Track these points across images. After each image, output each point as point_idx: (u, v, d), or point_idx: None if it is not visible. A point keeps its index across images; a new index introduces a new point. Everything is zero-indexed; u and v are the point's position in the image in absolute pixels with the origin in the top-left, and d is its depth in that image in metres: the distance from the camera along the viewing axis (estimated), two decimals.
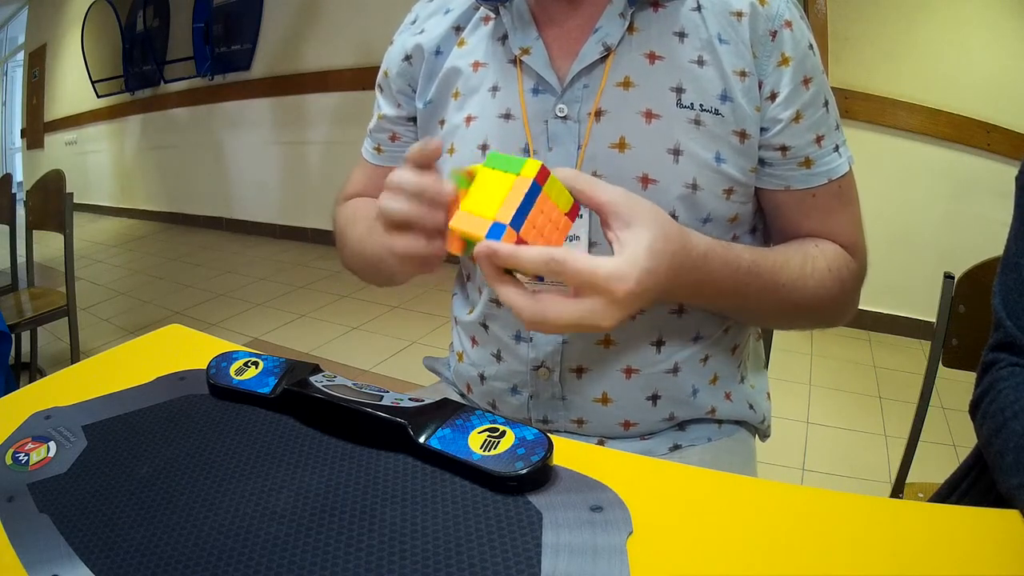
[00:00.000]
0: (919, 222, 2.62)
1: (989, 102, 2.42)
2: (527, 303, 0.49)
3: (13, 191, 2.16)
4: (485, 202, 0.50)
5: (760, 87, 0.63)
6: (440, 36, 0.72)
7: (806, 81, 0.63)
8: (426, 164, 0.54)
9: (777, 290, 0.62)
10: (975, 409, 0.58)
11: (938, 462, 1.13)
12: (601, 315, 0.49)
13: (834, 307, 0.68)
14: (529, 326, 0.51)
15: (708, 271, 0.57)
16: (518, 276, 0.52)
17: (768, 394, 0.80)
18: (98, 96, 5.52)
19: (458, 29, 0.72)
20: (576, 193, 0.52)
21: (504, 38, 0.68)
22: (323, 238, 4.18)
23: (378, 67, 0.79)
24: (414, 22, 0.76)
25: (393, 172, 0.55)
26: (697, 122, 0.62)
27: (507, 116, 0.66)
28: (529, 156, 0.65)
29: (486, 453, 0.46)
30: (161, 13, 4.79)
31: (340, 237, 0.80)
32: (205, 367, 0.60)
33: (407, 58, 0.74)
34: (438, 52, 0.72)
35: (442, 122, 0.72)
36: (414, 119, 0.76)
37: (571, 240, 0.63)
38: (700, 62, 0.62)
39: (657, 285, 0.52)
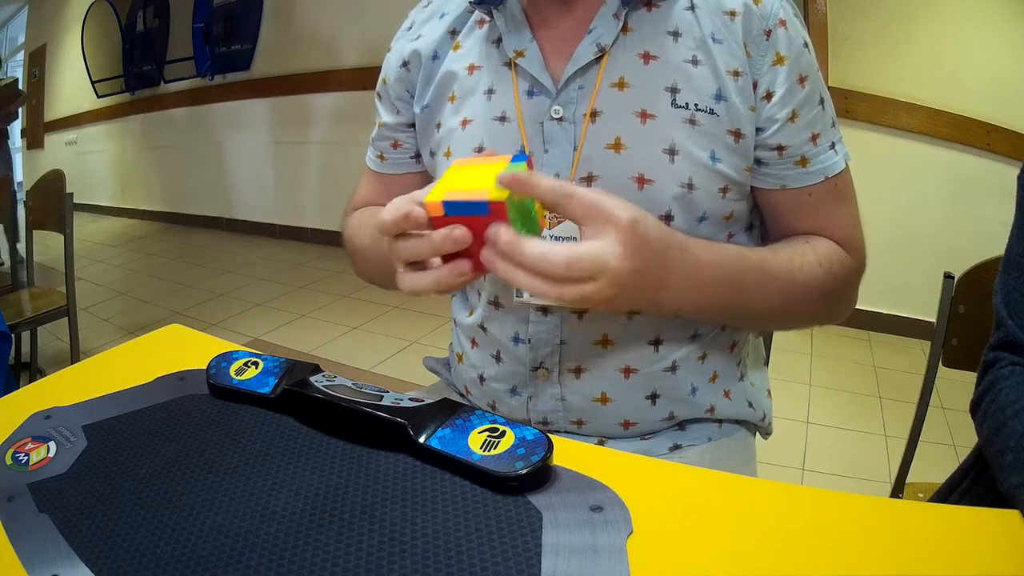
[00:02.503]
0: (919, 222, 2.62)
1: (989, 102, 2.42)
2: (557, 248, 0.49)
3: (13, 191, 2.16)
4: (475, 181, 0.50)
5: (755, 87, 0.63)
6: (436, 40, 0.72)
7: (801, 79, 0.63)
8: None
9: (768, 282, 0.62)
10: (976, 408, 0.58)
11: (938, 462, 1.13)
12: (612, 252, 0.50)
13: (827, 302, 0.68)
14: (564, 269, 0.49)
15: (692, 255, 0.57)
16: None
17: (768, 391, 0.80)
18: (98, 96, 5.52)
19: (453, 33, 0.72)
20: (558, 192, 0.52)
21: (498, 41, 0.68)
22: (323, 238, 4.18)
23: (377, 67, 0.79)
24: (410, 28, 0.76)
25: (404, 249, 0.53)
26: (692, 122, 0.62)
27: (502, 119, 0.66)
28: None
29: (486, 453, 0.46)
30: (161, 13, 4.79)
31: (350, 249, 0.80)
32: (205, 367, 0.60)
33: (405, 64, 0.74)
34: (435, 57, 0.72)
35: (439, 125, 0.72)
36: (414, 125, 0.76)
37: (565, 240, 0.63)
38: (694, 61, 0.62)
39: (650, 249, 0.52)
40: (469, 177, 0.50)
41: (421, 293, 0.54)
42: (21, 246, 2.15)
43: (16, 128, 6.74)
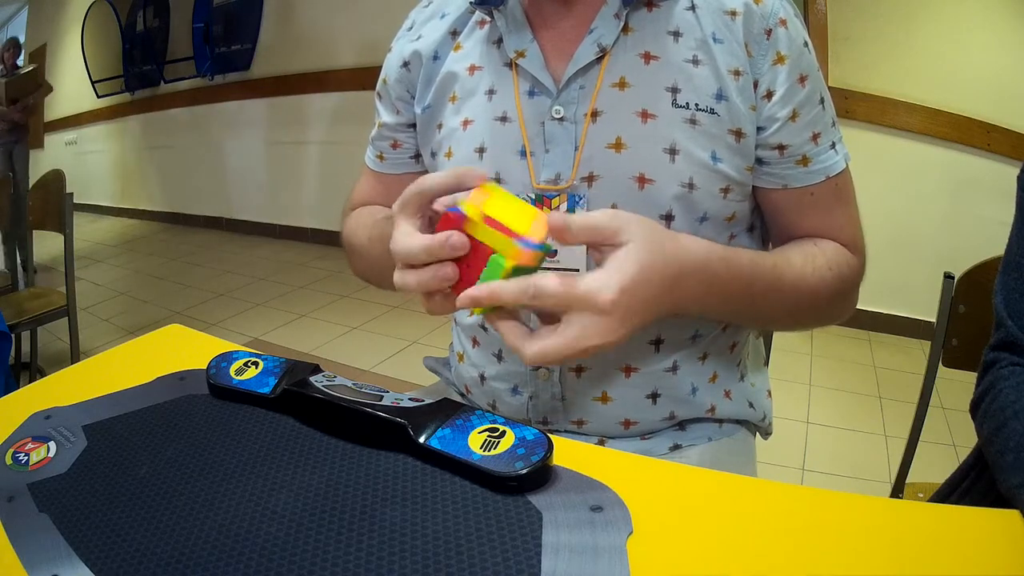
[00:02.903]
0: (919, 222, 2.62)
1: (989, 102, 2.42)
2: (525, 341, 0.50)
3: (11, 192, 2.16)
4: (514, 217, 0.49)
5: (755, 86, 0.63)
6: (437, 41, 0.72)
7: (802, 79, 0.63)
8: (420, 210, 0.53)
9: (780, 289, 0.62)
10: (976, 408, 0.58)
11: (938, 462, 1.13)
12: (595, 331, 0.49)
13: (835, 304, 0.68)
14: (531, 363, 0.51)
15: (711, 274, 0.57)
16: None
17: (769, 392, 0.80)
18: (98, 96, 5.52)
19: (454, 33, 0.72)
20: (564, 230, 0.50)
21: (499, 41, 0.68)
22: (323, 238, 4.18)
23: (377, 67, 0.79)
24: (411, 28, 0.76)
25: (399, 246, 0.53)
26: (693, 121, 0.62)
27: (503, 119, 0.66)
28: (526, 159, 0.65)
29: (486, 453, 0.46)
30: (161, 13, 4.79)
31: (348, 247, 0.80)
32: (205, 367, 0.60)
33: (405, 64, 0.74)
34: (435, 57, 0.72)
35: (440, 126, 0.72)
36: (414, 125, 0.76)
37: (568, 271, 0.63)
38: (695, 61, 0.62)
39: (652, 294, 0.51)
40: (510, 209, 0.50)
41: (407, 291, 0.54)
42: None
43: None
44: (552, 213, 0.51)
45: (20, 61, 4.22)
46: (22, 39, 6.50)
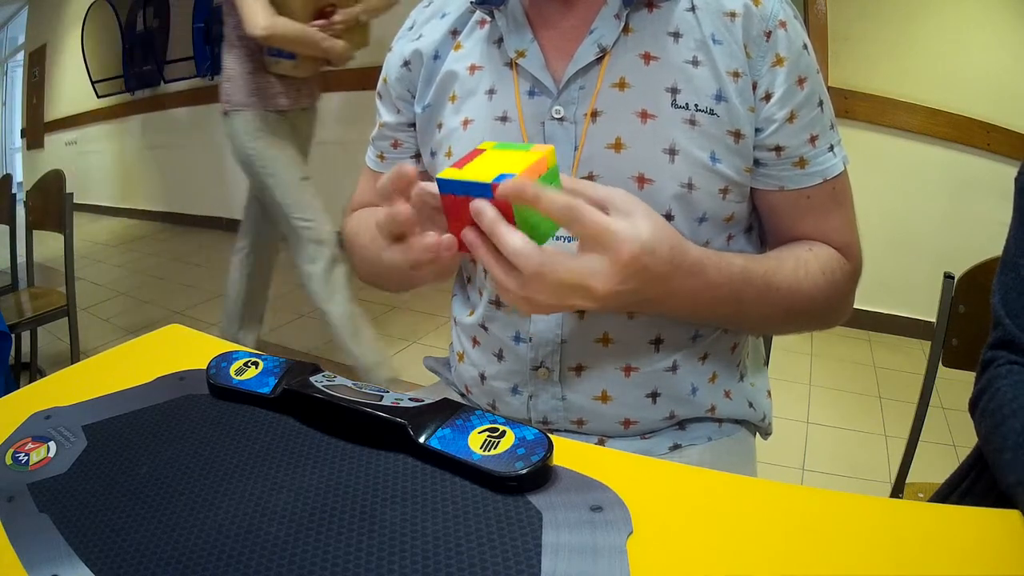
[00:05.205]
0: (919, 222, 2.62)
1: (989, 102, 2.42)
2: (535, 251, 0.48)
3: (13, 191, 2.16)
4: (494, 167, 0.50)
5: (754, 88, 0.63)
6: (437, 40, 0.72)
7: (800, 81, 0.63)
8: (402, 191, 0.53)
9: (771, 295, 0.63)
10: (974, 407, 0.58)
11: (938, 462, 1.13)
12: (601, 275, 0.50)
13: (829, 310, 0.68)
14: (529, 281, 0.49)
15: (703, 277, 0.58)
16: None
17: (768, 392, 0.80)
18: (98, 96, 5.52)
19: (455, 33, 0.72)
20: (576, 193, 0.53)
21: (500, 41, 0.68)
22: None
23: (378, 67, 0.79)
24: (411, 28, 0.76)
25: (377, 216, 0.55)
26: (692, 122, 0.62)
27: (503, 119, 0.66)
28: None
29: (486, 453, 0.46)
30: (161, 13, 4.79)
31: (350, 248, 0.81)
32: (205, 367, 0.60)
33: (406, 64, 0.74)
34: (436, 56, 0.72)
35: (440, 125, 0.72)
36: (414, 125, 0.76)
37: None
38: (694, 62, 0.62)
39: (655, 270, 0.52)
40: (495, 161, 0.51)
41: (396, 267, 0.54)
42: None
43: (16, 128, 6.70)
44: (567, 178, 0.53)
45: None
46: (21, 39, 6.51)
